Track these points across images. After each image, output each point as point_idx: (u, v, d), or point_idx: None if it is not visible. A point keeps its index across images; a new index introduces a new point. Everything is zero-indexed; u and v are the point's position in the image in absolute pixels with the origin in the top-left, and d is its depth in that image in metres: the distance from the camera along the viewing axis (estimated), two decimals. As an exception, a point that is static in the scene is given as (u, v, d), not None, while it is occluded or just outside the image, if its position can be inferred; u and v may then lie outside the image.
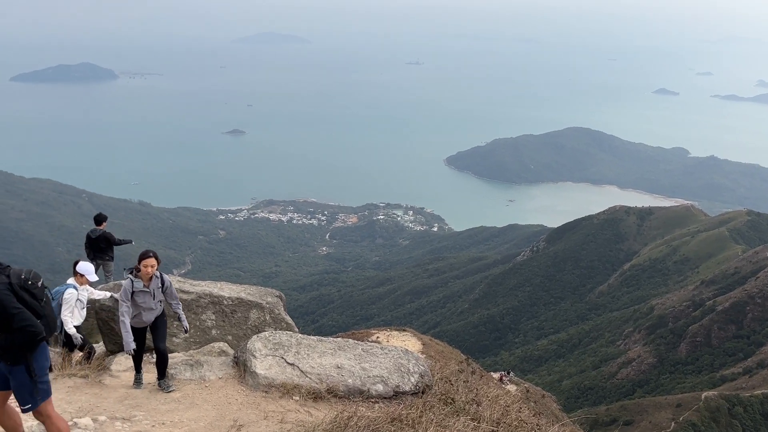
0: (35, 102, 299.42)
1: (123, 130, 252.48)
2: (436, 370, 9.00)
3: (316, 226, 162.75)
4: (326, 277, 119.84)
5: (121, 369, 8.37)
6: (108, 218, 14.35)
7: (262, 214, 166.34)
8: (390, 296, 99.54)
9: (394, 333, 26.00)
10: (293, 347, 8.01)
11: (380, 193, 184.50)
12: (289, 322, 10.40)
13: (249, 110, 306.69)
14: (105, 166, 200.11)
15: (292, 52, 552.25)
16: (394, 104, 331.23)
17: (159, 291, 7.74)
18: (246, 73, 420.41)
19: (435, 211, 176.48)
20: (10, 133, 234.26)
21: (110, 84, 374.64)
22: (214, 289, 10.22)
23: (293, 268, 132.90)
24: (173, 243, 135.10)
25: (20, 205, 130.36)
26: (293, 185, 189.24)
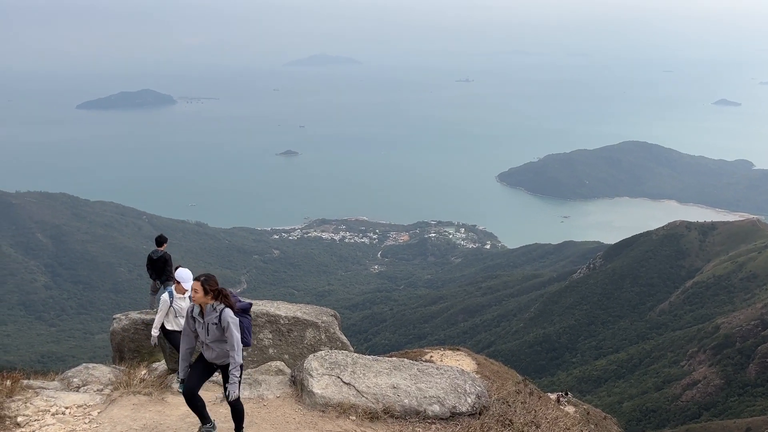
0: (99, 128, 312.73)
1: (181, 153, 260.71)
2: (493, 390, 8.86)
3: (368, 244, 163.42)
4: (378, 296, 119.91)
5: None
6: (168, 239, 14.74)
7: (314, 234, 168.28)
8: (443, 315, 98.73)
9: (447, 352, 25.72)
10: (349, 367, 8.04)
11: (431, 211, 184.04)
12: (344, 341, 10.46)
13: (301, 131, 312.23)
14: (164, 189, 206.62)
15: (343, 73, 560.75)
16: (445, 122, 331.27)
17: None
18: (298, 96, 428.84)
19: (487, 228, 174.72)
20: (76, 158, 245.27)
21: (169, 109, 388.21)
22: (270, 308, 10.38)
23: (345, 287, 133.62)
24: (229, 262, 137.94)
25: (85, 227, 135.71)
26: (345, 204, 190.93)
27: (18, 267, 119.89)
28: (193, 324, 6.83)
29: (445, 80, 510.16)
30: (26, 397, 8.02)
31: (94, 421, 7.35)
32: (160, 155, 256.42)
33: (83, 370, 9.59)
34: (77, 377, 9.30)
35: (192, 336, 6.92)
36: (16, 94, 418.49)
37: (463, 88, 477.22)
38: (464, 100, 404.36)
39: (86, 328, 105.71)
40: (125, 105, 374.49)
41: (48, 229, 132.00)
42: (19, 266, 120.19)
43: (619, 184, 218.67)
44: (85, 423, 7.29)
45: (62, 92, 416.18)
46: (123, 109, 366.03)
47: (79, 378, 9.27)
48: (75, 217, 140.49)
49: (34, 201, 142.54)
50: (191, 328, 6.87)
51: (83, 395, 8.38)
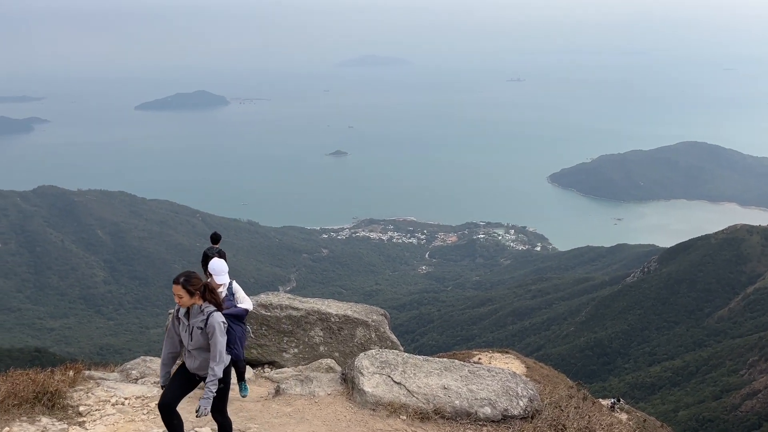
0: (155, 128, 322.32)
1: (233, 152, 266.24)
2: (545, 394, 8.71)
3: (416, 245, 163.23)
4: (426, 296, 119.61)
5: (234, 381, 8.73)
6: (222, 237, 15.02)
7: (363, 233, 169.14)
8: (491, 317, 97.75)
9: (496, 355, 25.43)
10: (400, 366, 8.04)
11: (480, 212, 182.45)
12: (394, 340, 10.47)
13: (350, 132, 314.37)
14: (217, 187, 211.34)
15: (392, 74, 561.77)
16: (495, 122, 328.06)
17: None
18: (348, 96, 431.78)
19: (538, 230, 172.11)
20: (134, 157, 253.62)
21: (222, 110, 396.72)
22: (321, 306, 10.49)
23: (393, 287, 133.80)
24: (279, 261, 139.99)
25: (142, 225, 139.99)
26: (393, 204, 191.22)
27: (79, 262, 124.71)
28: (178, 325, 6.07)
29: (496, 80, 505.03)
30: (87, 388, 8.32)
31: (152, 412, 7.56)
32: (214, 155, 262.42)
33: (141, 362, 9.89)
34: (135, 369, 9.60)
35: (176, 339, 6.14)
36: (79, 96, 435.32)
37: (515, 87, 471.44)
38: (515, 100, 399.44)
39: (142, 323, 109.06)
40: (181, 106, 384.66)
41: (107, 226, 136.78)
42: (80, 261, 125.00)
43: (675, 185, 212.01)
44: (143, 414, 7.52)
45: (122, 94, 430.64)
46: (178, 110, 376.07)
47: (137, 370, 9.57)
48: (132, 214, 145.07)
49: (95, 199, 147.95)
50: (176, 329, 6.09)
51: (141, 387, 8.65)
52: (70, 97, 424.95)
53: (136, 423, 7.25)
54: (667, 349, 74.18)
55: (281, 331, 10.18)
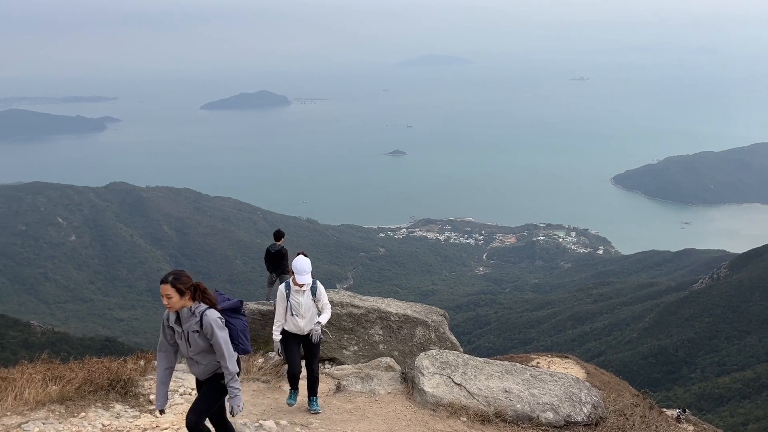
0: (220, 127, 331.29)
1: (294, 151, 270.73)
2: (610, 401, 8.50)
3: (473, 245, 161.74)
4: (483, 298, 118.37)
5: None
6: (285, 234, 15.29)
7: (420, 233, 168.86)
8: (550, 321, 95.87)
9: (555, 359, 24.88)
10: (460, 367, 8.00)
11: (540, 214, 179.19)
12: (453, 341, 10.43)
13: (409, 131, 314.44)
14: (278, 185, 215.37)
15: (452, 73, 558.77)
16: (557, 122, 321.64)
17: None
18: (407, 96, 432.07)
19: (600, 232, 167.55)
20: (199, 156, 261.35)
21: (283, 109, 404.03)
22: (381, 305, 10.54)
23: (450, 287, 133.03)
24: (337, 258, 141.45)
25: (206, 221, 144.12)
26: (451, 204, 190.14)
27: (147, 256, 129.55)
28: (171, 335, 5.46)
29: (559, 79, 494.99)
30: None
31: (217, 403, 7.77)
32: (275, 153, 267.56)
33: (206, 354, 10.15)
34: (201, 361, 9.86)
35: (171, 351, 5.52)
36: (148, 96, 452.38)
37: (578, 86, 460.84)
38: (578, 99, 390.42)
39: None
40: (244, 105, 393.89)
41: (173, 221, 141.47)
42: (147, 255, 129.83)
43: (748, 189, 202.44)
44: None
45: (188, 94, 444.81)
46: (242, 110, 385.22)
47: (202, 362, 9.83)
48: (197, 211, 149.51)
49: (162, 195, 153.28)
50: (168, 341, 5.48)
51: (207, 378, 8.89)
52: (140, 97, 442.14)
53: (203, 413, 7.46)
54: (738, 360, 70.94)
55: (342, 328, 10.30)
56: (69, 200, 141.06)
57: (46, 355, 9.00)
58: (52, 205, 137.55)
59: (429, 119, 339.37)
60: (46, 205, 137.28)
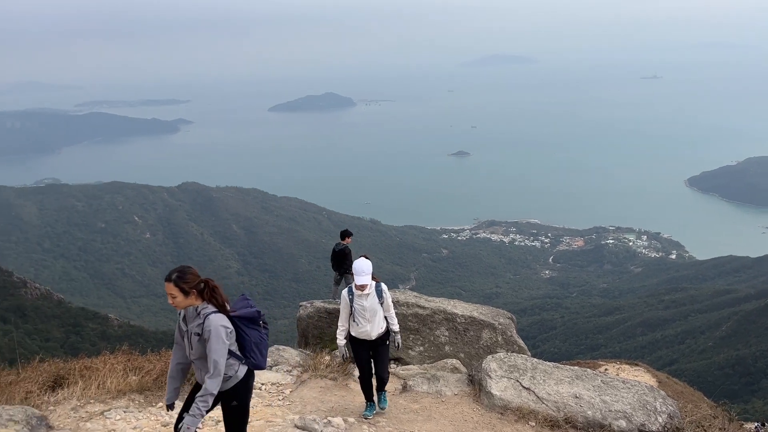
0: (286, 129, 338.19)
1: (358, 152, 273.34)
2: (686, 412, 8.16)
3: (539, 248, 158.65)
4: (548, 302, 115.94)
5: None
6: (352, 234, 15.41)
7: (483, 235, 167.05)
8: (619, 327, 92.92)
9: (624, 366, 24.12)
10: (528, 371, 7.88)
11: (610, 216, 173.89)
12: (521, 345, 10.28)
13: (473, 132, 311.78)
14: (342, 186, 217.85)
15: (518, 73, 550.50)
16: (627, 122, 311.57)
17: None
18: (471, 96, 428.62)
19: (673, 236, 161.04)
20: (267, 156, 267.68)
21: (349, 111, 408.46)
22: (447, 306, 10.50)
23: (514, 290, 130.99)
24: (399, 259, 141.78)
25: (273, 221, 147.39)
26: (516, 206, 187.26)
27: (216, 254, 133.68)
28: (183, 333, 5.12)
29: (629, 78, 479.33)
30: (229, 372, 8.87)
31: (287, 399, 7.96)
32: (340, 154, 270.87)
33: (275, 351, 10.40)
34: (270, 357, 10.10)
35: (183, 347, 5.16)
36: (218, 98, 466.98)
37: (650, 85, 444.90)
38: (650, 99, 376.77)
39: (270, 313, 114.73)
40: (310, 107, 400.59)
41: (241, 221, 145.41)
42: (216, 253, 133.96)
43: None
44: (279, 400, 7.93)
45: (257, 96, 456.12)
46: (308, 112, 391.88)
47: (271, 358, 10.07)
48: (264, 210, 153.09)
49: (231, 195, 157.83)
50: (181, 336, 5.14)
51: (276, 374, 9.11)
52: (212, 100, 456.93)
53: (273, 408, 7.65)
54: (824, 373, 66.79)
55: (407, 328, 10.32)
56: (144, 199, 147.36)
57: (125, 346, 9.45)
58: (129, 204, 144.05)
59: (494, 120, 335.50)
60: (123, 203, 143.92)
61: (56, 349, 40.51)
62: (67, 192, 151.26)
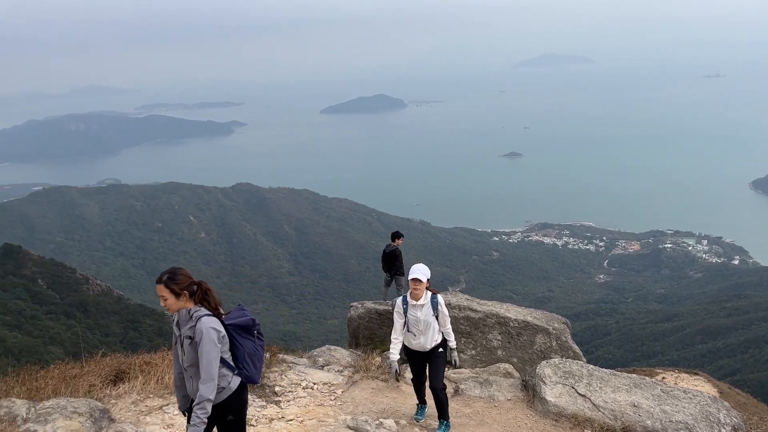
0: (338, 131, 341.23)
1: (408, 154, 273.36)
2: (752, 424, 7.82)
3: (593, 252, 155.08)
4: (603, 307, 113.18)
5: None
6: (403, 236, 15.36)
7: (536, 237, 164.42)
8: (677, 334, 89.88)
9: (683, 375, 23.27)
10: (584, 378, 7.69)
11: (668, 220, 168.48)
12: (576, 350, 10.05)
13: (526, 133, 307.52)
14: (392, 187, 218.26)
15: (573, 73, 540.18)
16: (688, 122, 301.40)
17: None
18: (525, 96, 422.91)
19: (736, 241, 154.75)
20: (318, 158, 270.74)
21: (400, 112, 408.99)
22: (500, 310, 10.36)
23: (567, 295, 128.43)
24: (449, 261, 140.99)
25: (323, 221, 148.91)
26: (569, 209, 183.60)
27: (268, 254, 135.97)
28: (175, 339, 4.85)
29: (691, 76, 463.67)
30: (281, 370, 9.01)
31: (338, 399, 8.00)
32: (390, 156, 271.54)
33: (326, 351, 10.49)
34: (321, 357, 10.20)
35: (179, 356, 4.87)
36: (271, 100, 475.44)
37: (712, 84, 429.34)
38: (713, 98, 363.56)
39: (320, 313, 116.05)
40: (361, 109, 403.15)
41: (293, 221, 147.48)
42: (269, 253, 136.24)
43: None
44: (330, 400, 7.98)
45: (309, 98, 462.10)
46: (359, 113, 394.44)
47: (323, 358, 10.17)
48: (315, 211, 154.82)
49: (283, 196, 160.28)
50: (174, 343, 4.86)
51: (328, 374, 9.17)
52: (265, 102, 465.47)
53: (325, 408, 7.70)
54: None
55: (459, 331, 10.24)
56: (199, 199, 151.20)
57: (182, 343, 9.67)
58: (184, 204, 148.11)
59: (547, 120, 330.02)
60: (179, 203, 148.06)
61: (116, 343, 41.98)
62: (126, 192, 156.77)
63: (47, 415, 6.41)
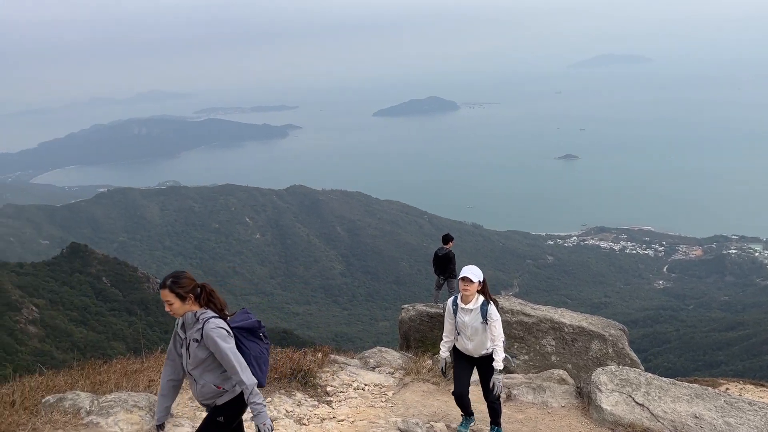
0: (390, 133, 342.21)
1: (461, 156, 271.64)
2: (825, 441, 7.41)
3: (652, 257, 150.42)
4: (662, 314, 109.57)
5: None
6: (454, 239, 15.28)
7: (592, 242, 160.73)
8: (742, 343, 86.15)
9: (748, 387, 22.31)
10: (642, 386, 7.46)
11: (732, 224, 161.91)
12: (633, 358, 9.77)
13: (582, 135, 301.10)
14: (444, 190, 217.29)
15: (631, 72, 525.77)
16: (754, 123, 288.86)
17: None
18: (581, 98, 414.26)
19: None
20: (371, 160, 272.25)
21: (452, 115, 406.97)
22: (554, 315, 10.17)
23: (624, 301, 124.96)
24: (502, 265, 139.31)
25: (375, 223, 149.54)
26: (627, 212, 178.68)
27: (321, 255, 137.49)
28: (180, 343, 4.71)
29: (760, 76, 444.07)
30: (333, 371, 9.09)
31: (389, 401, 8.01)
32: (442, 158, 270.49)
33: (377, 352, 10.52)
34: (372, 358, 10.24)
35: (178, 362, 4.75)
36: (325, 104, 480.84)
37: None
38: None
39: (372, 315, 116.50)
40: (413, 112, 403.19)
41: (345, 223, 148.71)
42: (321, 254, 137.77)
43: None
44: (381, 401, 8.00)
45: (362, 101, 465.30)
46: (411, 116, 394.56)
47: (374, 359, 10.20)
48: (367, 213, 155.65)
49: (336, 198, 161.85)
50: (177, 349, 4.74)
51: (379, 375, 9.20)
52: (319, 105, 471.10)
53: (376, 409, 7.72)
54: None
55: (511, 336, 10.10)
56: (255, 201, 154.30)
57: (237, 341, 9.89)
58: (240, 206, 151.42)
59: (604, 122, 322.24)
60: (236, 205, 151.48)
61: (174, 340, 43.17)
62: (185, 194, 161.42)
63: (109, 408, 6.66)
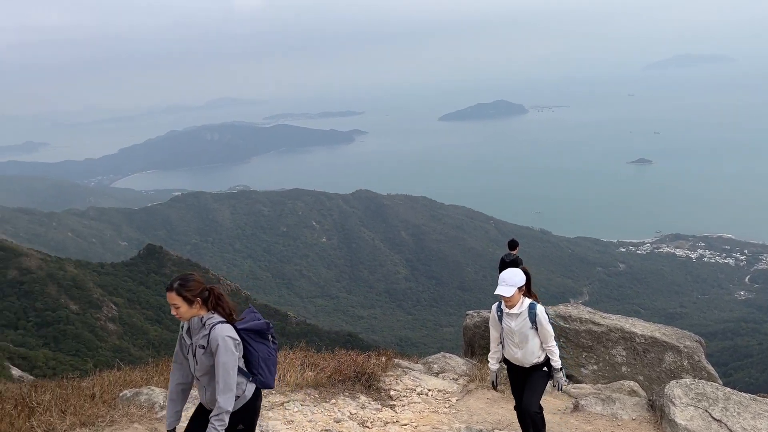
0: (456, 137, 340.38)
1: (528, 160, 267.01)
2: None
3: (733, 266, 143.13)
4: (743, 326, 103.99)
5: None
6: (519, 244, 15.04)
7: (667, 249, 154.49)
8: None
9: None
10: (720, 401, 7.11)
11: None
12: (710, 371, 9.32)
13: (656, 138, 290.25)
14: (511, 195, 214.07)
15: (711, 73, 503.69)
16: None
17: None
18: (655, 100, 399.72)
19: None
20: (435, 165, 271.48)
21: (520, 118, 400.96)
22: (625, 324, 9.84)
23: (701, 311, 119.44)
24: (570, 272, 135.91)
25: (440, 228, 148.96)
26: (705, 219, 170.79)
27: (385, 259, 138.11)
28: (187, 347, 4.58)
29: None
30: (396, 375, 9.10)
31: (453, 407, 7.95)
32: (509, 162, 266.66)
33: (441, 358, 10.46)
34: (436, 364, 10.19)
35: (186, 365, 4.64)
36: (390, 109, 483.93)
37: None
38: None
39: (436, 320, 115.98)
40: (480, 116, 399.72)
41: (410, 227, 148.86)
42: (386, 259, 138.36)
43: None
44: (445, 407, 7.95)
45: (427, 106, 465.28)
46: (478, 120, 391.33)
47: (437, 365, 10.15)
48: (432, 218, 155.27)
49: (401, 202, 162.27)
50: (184, 352, 4.63)
51: (442, 381, 9.15)
52: (385, 111, 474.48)
53: (440, 415, 7.68)
54: None
55: (580, 345, 9.84)
56: (321, 205, 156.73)
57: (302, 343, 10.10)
58: (308, 210, 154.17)
59: (681, 125, 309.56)
60: (303, 209, 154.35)
61: (243, 340, 44.33)
62: (255, 198, 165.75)
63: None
